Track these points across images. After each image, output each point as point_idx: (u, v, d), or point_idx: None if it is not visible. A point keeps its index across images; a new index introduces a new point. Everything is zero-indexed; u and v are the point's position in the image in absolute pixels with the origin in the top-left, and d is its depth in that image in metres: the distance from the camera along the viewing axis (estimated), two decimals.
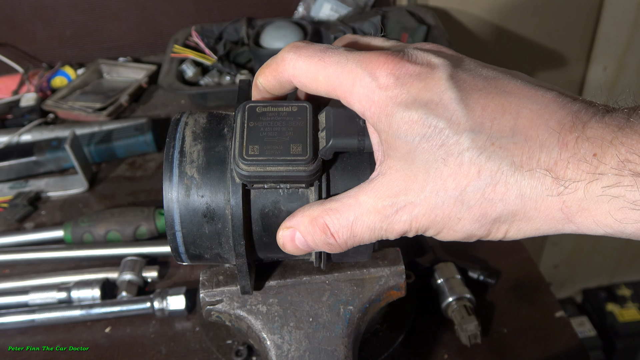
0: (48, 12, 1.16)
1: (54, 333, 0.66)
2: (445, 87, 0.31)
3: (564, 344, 0.62)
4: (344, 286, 0.44)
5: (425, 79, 0.31)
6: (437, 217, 0.32)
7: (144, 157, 0.94)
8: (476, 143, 0.30)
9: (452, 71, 0.32)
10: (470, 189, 0.30)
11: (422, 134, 0.31)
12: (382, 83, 0.32)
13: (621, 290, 1.68)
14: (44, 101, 1.03)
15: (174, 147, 0.38)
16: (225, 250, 0.39)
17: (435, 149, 0.31)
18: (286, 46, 0.36)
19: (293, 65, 0.35)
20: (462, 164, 0.30)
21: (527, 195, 0.30)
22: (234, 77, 1.05)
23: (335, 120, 0.35)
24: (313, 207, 0.35)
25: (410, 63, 0.32)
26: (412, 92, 0.31)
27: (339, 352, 0.42)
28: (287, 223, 0.36)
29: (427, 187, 0.31)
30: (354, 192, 0.34)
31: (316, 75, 0.34)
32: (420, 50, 0.34)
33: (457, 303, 0.61)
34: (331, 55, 0.34)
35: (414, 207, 0.32)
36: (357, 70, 0.32)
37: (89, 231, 0.75)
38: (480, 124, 0.30)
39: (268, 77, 0.37)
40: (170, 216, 0.37)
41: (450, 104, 0.30)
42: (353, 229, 0.34)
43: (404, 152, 0.32)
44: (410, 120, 0.31)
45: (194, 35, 1.10)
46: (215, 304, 0.44)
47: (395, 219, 0.33)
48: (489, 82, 0.31)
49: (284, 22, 1.06)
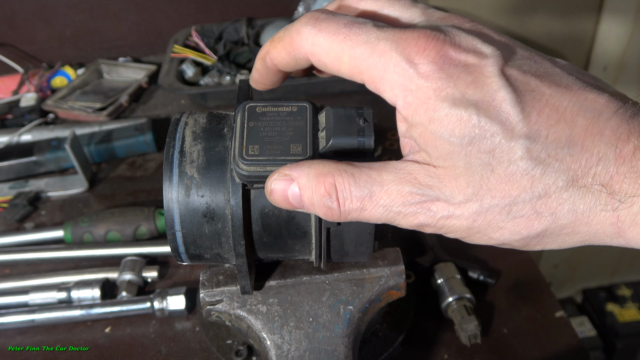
0: (48, 12, 1.16)
1: (54, 333, 0.66)
2: (498, 86, 0.28)
3: (564, 344, 0.62)
4: (344, 286, 0.44)
5: (474, 72, 0.28)
6: (476, 222, 0.29)
7: (144, 157, 0.94)
8: (531, 153, 0.27)
9: (503, 65, 0.28)
10: (520, 200, 0.28)
11: (471, 136, 0.28)
12: (423, 71, 0.28)
13: (621, 290, 1.67)
14: (44, 101, 1.03)
15: (174, 147, 0.38)
16: (225, 250, 0.39)
17: (482, 154, 0.28)
18: (303, 16, 0.31)
19: (312, 42, 0.30)
20: (514, 174, 0.28)
21: (579, 211, 0.28)
22: (234, 77, 1.05)
23: (335, 120, 0.35)
24: (324, 163, 0.31)
25: (455, 49, 0.29)
26: (460, 86, 0.28)
27: (339, 352, 0.42)
28: (285, 170, 0.32)
29: (468, 191, 0.29)
30: (377, 165, 0.31)
31: (340, 55, 0.30)
32: (464, 32, 0.30)
33: (457, 303, 0.61)
34: (359, 32, 0.29)
35: (449, 206, 0.29)
36: (390, 53, 0.28)
37: (89, 231, 0.75)
38: (537, 132, 0.27)
39: (280, 51, 0.32)
40: (170, 216, 0.37)
41: (504, 106, 0.28)
42: (365, 203, 0.30)
43: (443, 152, 0.29)
44: (458, 119, 0.28)
45: (194, 35, 1.10)
46: (215, 304, 0.44)
47: (419, 210, 0.30)
48: (542, 81, 0.29)
49: (284, 22, 1.06)
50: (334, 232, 0.38)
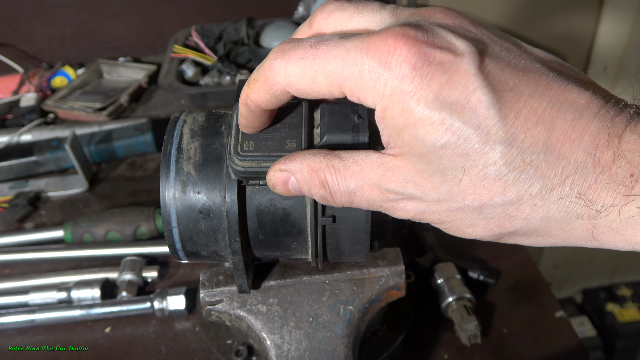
0: (48, 12, 1.16)
1: (54, 333, 0.66)
2: (475, 86, 0.26)
3: (564, 344, 0.62)
4: (344, 286, 0.44)
5: (448, 70, 0.27)
6: (449, 218, 0.30)
7: (144, 157, 0.94)
8: (505, 158, 0.26)
9: (480, 62, 0.27)
10: (492, 203, 0.28)
11: (445, 140, 0.27)
12: (397, 73, 0.27)
13: (621, 290, 1.67)
14: (44, 101, 1.03)
15: (172, 144, 0.38)
16: (222, 247, 0.39)
17: (456, 157, 0.27)
18: (271, 52, 0.30)
19: (285, 73, 0.30)
20: (486, 178, 0.27)
21: (553, 218, 0.27)
22: (234, 77, 1.05)
23: (330, 117, 0.35)
24: (315, 157, 0.32)
25: (429, 46, 0.27)
26: (434, 87, 0.27)
27: (339, 352, 0.42)
28: (282, 165, 0.33)
29: (441, 190, 0.29)
30: (361, 157, 0.31)
31: (314, 77, 0.29)
32: (435, 26, 0.28)
33: (457, 303, 0.61)
34: (326, 48, 0.29)
35: (423, 203, 0.30)
36: (362, 60, 0.28)
37: (89, 231, 0.75)
38: (512, 136, 0.26)
39: (259, 92, 0.31)
40: (167, 212, 0.38)
41: (479, 109, 0.26)
42: (351, 196, 0.32)
43: (419, 153, 0.28)
44: (431, 123, 0.27)
45: (194, 35, 1.10)
46: (215, 304, 0.44)
47: (398, 206, 0.31)
48: (521, 78, 0.27)
49: (284, 22, 1.06)
50: (329, 229, 0.38)
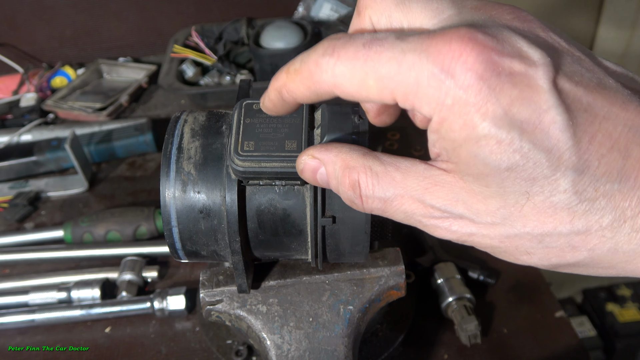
0: (48, 12, 1.16)
1: (54, 333, 0.66)
2: (548, 104, 0.24)
3: (564, 344, 0.62)
4: (344, 286, 0.44)
5: (519, 83, 0.24)
6: (502, 244, 0.27)
7: (144, 157, 0.94)
8: (577, 187, 0.24)
9: (554, 74, 0.24)
10: (556, 232, 0.25)
11: (511, 162, 0.24)
12: (461, 82, 0.24)
13: (621, 290, 1.67)
14: (44, 101, 1.03)
15: (172, 144, 0.38)
16: (222, 247, 0.39)
17: (521, 181, 0.25)
18: (319, 45, 0.27)
19: (332, 73, 0.27)
20: (554, 207, 0.25)
21: (622, 250, 0.25)
22: (234, 77, 1.05)
23: (331, 118, 0.35)
24: (352, 154, 0.30)
25: (499, 54, 0.24)
26: (503, 101, 0.24)
27: (339, 352, 0.42)
28: (316, 153, 0.31)
29: (498, 214, 0.26)
30: (404, 165, 0.28)
31: (365, 80, 0.26)
32: (506, 29, 0.25)
33: (457, 303, 0.61)
34: (380, 49, 0.25)
35: (473, 225, 0.27)
36: (421, 64, 0.24)
37: (89, 231, 0.75)
38: (586, 162, 0.24)
39: (299, 85, 0.29)
40: (167, 212, 0.38)
41: (552, 130, 0.24)
42: (387, 205, 0.29)
43: (477, 173, 0.25)
44: (498, 142, 0.24)
45: (194, 35, 1.10)
46: (215, 304, 0.44)
47: (441, 224, 0.28)
48: (595, 97, 0.25)
49: (284, 22, 1.06)
50: (329, 230, 0.38)
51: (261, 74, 1.04)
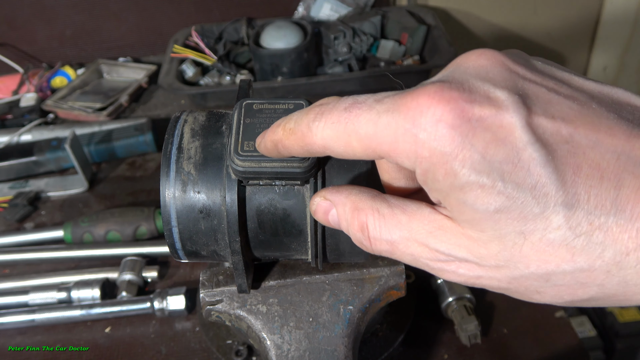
0: (48, 12, 1.16)
1: (54, 333, 0.66)
2: (524, 142, 0.24)
3: (564, 344, 0.62)
4: (344, 286, 0.44)
5: (491, 126, 0.24)
6: (511, 285, 0.27)
7: (144, 157, 0.94)
8: (570, 222, 0.23)
9: (526, 113, 0.24)
10: (560, 271, 0.25)
11: (497, 205, 0.24)
12: (433, 134, 0.24)
13: None
14: (44, 101, 1.03)
15: (172, 144, 0.38)
16: (222, 247, 0.39)
17: (512, 221, 0.24)
18: (312, 109, 0.30)
19: (322, 136, 0.29)
20: (551, 245, 0.24)
21: (632, 282, 0.24)
22: (234, 77, 1.05)
23: None
24: (361, 196, 0.30)
25: (466, 101, 0.24)
26: (478, 146, 0.24)
27: (339, 352, 0.42)
28: (328, 194, 0.32)
29: (500, 257, 0.26)
30: (411, 208, 0.29)
31: (349, 141, 0.28)
32: (472, 76, 0.26)
33: (457, 303, 0.61)
34: (359, 112, 0.27)
35: (479, 268, 0.27)
36: (395, 123, 0.25)
37: (89, 231, 0.75)
38: (574, 196, 0.23)
39: (293, 144, 0.31)
40: (167, 212, 0.38)
41: (533, 167, 0.23)
42: (394, 247, 0.29)
43: (469, 218, 0.26)
44: (481, 187, 0.24)
45: (194, 35, 1.10)
46: (215, 303, 0.44)
47: (448, 268, 0.28)
48: (576, 126, 0.24)
49: (284, 22, 1.06)
50: (329, 230, 0.38)
51: (261, 74, 1.04)
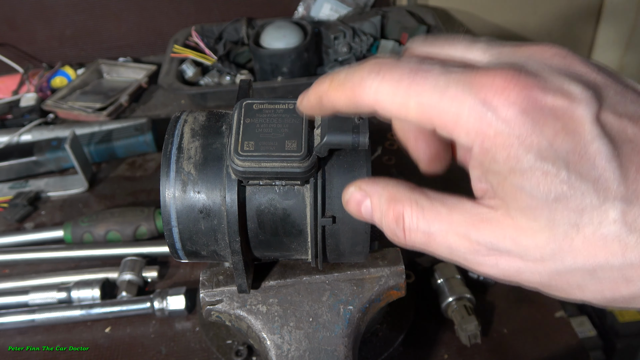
0: (48, 12, 1.16)
1: (54, 333, 0.66)
2: (592, 135, 0.24)
3: (564, 344, 0.62)
4: (344, 286, 0.44)
5: (562, 117, 0.24)
6: (553, 280, 0.27)
7: (144, 157, 0.94)
8: (626, 217, 0.24)
9: (597, 108, 0.25)
10: (608, 265, 0.25)
11: (558, 194, 0.24)
12: (504, 115, 0.24)
13: None
14: (44, 101, 1.03)
15: (172, 144, 0.38)
16: (222, 247, 0.39)
17: (569, 212, 0.25)
18: (366, 63, 0.29)
19: (375, 90, 0.28)
20: (604, 238, 0.25)
21: None
22: (234, 77, 1.05)
23: (331, 117, 0.35)
24: (399, 187, 0.30)
25: (540, 90, 0.25)
26: (547, 134, 0.24)
27: (339, 352, 0.42)
28: (363, 185, 0.31)
29: (547, 249, 0.26)
30: (451, 201, 0.29)
31: (406, 103, 0.27)
32: (547, 67, 0.26)
33: (457, 303, 0.61)
34: (425, 76, 0.27)
35: (521, 261, 0.27)
36: (463, 97, 0.25)
37: (89, 231, 0.75)
38: (635, 193, 0.24)
39: (341, 96, 0.30)
40: (167, 212, 0.38)
41: (598, 160, 0.24)
42: (430, 240, 0.29)
43: (524, 206, 0.26)
44: (544, 173, 0.24)
45: (194, 35, 1.10)
46: (215, 303, 0.44)
47: (487, 261, 0.28)
48: (639, 127, 0.25)
49: (284, 22, 1.06)
50: (329, 230, 0.38)
51: (261, 74, 1.04)
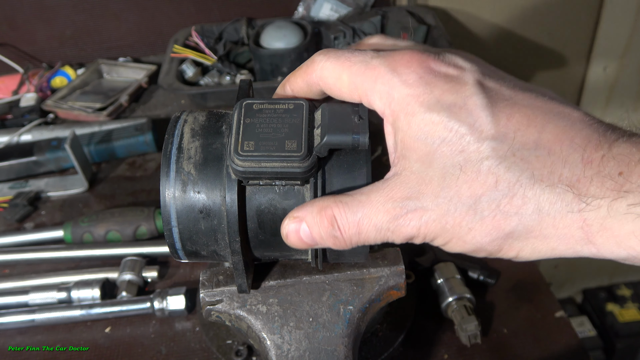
0: (48, 12, 1.16)
1: (54, 333, 0.66)
2: (472, 92, 0.30)
3: (564, 344, 0.62)
4: (344, 286, 0.44)
5: (451, 81, 0.31)
6: (447, 224, 0.31)
7: (144, 157, 0.94)
8: (497, 152, 0.29)
9: (480, 77, 0.31)
10: (485, 198, 0.29)
11: (443, 138, 0.30)
12: (405, 80, 0.31)
13: (621, 290, 1.68)
14: (44, 101, 1.03)
15: (172, 144, 0.38)
16: (222, 247, 0.39)
17: (454, 154, 0.30)
18: (319, 50, 0.36)
19: (321, 66, 0.34)
20: (480, 172, 0.29)
21: (544, 211, 0.29)
22: (234, 77, 1.05)
23: (331, 117, 0.35)
24: (324, 199, 0.34)
25: (437, 62, 0.32)
26: (436, 92, 0.30)
27: (339, 352, 0.42)
28: (294, 213, 0.35)
29: (441, 193, 0.30)
30: (367, 189, 0.33)
31: (340, 75, 0.34)
32: (449, 52, 0.33)
33: (457, 303, 0.61)
34: (358, 54, 0.33)
35: (425, 212, 0.31)
36: (380, 68, 0.32)
37: (89, 231, 0.75)
38: (504, 134, 0.29)
39: (297, 79, 0.36)
40: (167, 212, 0.38)
41: (474, 110, 0.30)
42: (360, 226, 0.33)
43: (421, 155, 0.31)
44: (432, 122, 0.30)
45: (194, 35, 1.10)
46: (215, 303, 0.44)
47: (403, 222, 0.32)
48: (517, 94, 0.31)
49: (284, 22, 1.06)
50: None
51: (261, 74, 1.04)
